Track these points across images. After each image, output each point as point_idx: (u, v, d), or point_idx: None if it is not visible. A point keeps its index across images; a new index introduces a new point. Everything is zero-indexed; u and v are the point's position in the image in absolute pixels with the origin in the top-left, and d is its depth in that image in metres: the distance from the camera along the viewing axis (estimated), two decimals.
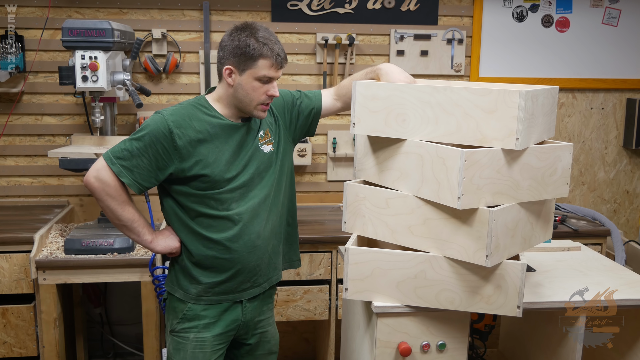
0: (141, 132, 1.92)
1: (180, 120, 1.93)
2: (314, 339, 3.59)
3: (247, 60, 1.91)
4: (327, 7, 3.43)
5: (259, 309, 2.14)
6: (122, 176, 1.92)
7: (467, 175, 1.82)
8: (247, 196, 2.00)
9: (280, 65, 1.94)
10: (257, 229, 2.02)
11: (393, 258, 1.98)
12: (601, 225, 3.19)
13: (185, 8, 3.35)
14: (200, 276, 2.02)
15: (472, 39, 3.57)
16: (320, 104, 2.22)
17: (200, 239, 1.99)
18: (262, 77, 1.92)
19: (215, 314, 2.05)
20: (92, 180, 1.92)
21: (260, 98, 1.95)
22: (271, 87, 1.95)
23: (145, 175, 1.93)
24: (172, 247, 2.03)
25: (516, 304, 1.94)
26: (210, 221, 1.98)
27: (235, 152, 1.98)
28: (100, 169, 1.92)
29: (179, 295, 2.05)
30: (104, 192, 1.93)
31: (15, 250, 2.82)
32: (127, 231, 2.01)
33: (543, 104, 1.96)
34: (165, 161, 1.92)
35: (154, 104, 3.40)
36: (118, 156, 1.92)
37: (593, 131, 3.77)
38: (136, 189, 1.94)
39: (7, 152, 3.35)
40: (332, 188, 3.59)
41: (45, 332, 2.80)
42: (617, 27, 3.68)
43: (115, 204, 1.94)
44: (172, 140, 1.91)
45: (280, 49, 1.94)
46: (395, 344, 2.03)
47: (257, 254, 2.04)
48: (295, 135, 2.20)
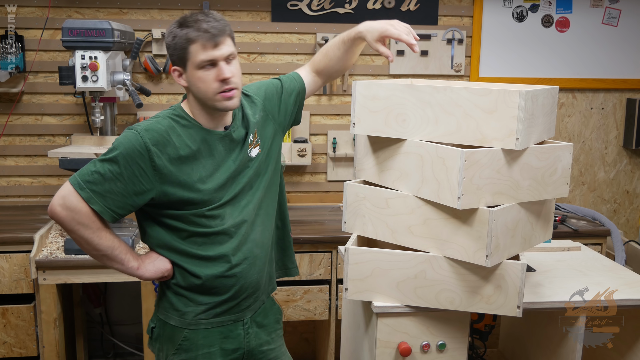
0: (113, 152, 1.69)
1: (157, 137, 1.70)
2: (314, 339, 3.59)
3: (180, 53, 1.69)
4: (327, 7, 3.43)
5: (265, 333, 1.95)
6: (93, 203, 1.67)
7: (467, 175, 1.82)
8: (240, 204, 1.82)
9: (213, 41, 1.66)
10: (255, 236, 1.85)
11: (393, 258, 1.98)
12: (601, 225, 3.19)
13: (185, 8, 3.35)
14: (199, 297, 1.81)
15: (472, 39, 3.57)
16: (303, 85, 2.03)
17: (196, 259, 1.79)
18: (202, 63, 1.67)
19: (215, 341, 1.84)
20: (59, 210, 1.67)
21: (212, 87, 1.69)
22: (219, 71, 1.68)
23: (120, 201, 1.70)
24: (162, 270, 1.80)
25: (516, 304, 1.94)
26: (204, 239, 1.78)
27: (220, 165, 1.78)
28: (67, 195, 1.67)
29: (174, 322, 1.83)
30: (74, 221, 1.68)
31: (15, 250, 2.81)
32: (108, 261, 1.76)
33: (543, 104, 1.97)
34: (142, 184, 1.70)
35: (154, 104, 3.40)
36: (88, 180, 1.67)
37: (593, 131, 3.77)
38: (109, 216, 1.70)
39: (7, 152, 3.35)
40: (332, 188, 3.59)
41: (45, 332, 2.80)
42: (617, 27, 3.68)
43: (90, 232, 1.70)
44: (150, 160, 1.69)
45: (210, 25, 1.66)
46: (395, 344, 2.03)
47: (259, 265, 1.86)
48: (286, 124, 2.00)
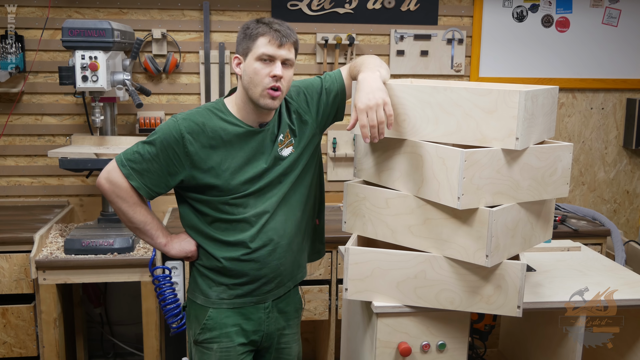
0: (154, 135, 1.88)
1: (193, 126, 1.87)
2: (314, 339, 3.59)
3: (247, 43, 1.84)
4: (327, 7, 3.43)
5: (284, 319, 2.05)
6: (132, 179, 1.87)
7: (467, 175, 1.82)
8: (264, 197, 1.93)
9: (279, 40, 1.82)
10: (276, 225, 1.94)
11: (393, 258, 1.98)
12: (601, 225, 3.19)
13: (185, 8, 3.35)
14: (221, 278, 1.95)
15: (472, 39, 3.57)
16: (343, 86, 2.08)
17: (218, 243, 1.93)
18: (262, 56, 1.82)
19: (237, 321, 1.97)
20: (103, 182, 1.90)
21: (264, 81, 1.83)
22: (274, 67, 1.83)
23: (155, 180, 1.88)
24: (187, 250, 1.97)
25: (516, 304, 1.94)
26: (226, 225, 1.92)
27: (251, 159, 1.91)
28: (111, 170, 1.89)
29: (199, 301, 1.98)
30: (114, 194, 1.89)
31: (15, 250, 2.82)
32: (140, 234, 1.97)
33: (543, 104, 1.96)
34: (176, 167, 1.88)
35: (154, 104, 3.40)
36: (129, 158, 1.88)
37: (593, 131, 3.77)
38: (145, 193, 1.90)
39: (7, 152, 3.35)
40: (332, 188, 3.59)
41: (45, 332, 2.80)
42: (617, 27, 3.68)
43: (126, 206, 1.90)
44: (184, 146, 1.86)
45: (282, 28, 1.83)
46: (395, 344, 2.03)
47: (279, 252, 1.95)
48: (324, 123, 2.07)
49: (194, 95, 3.43)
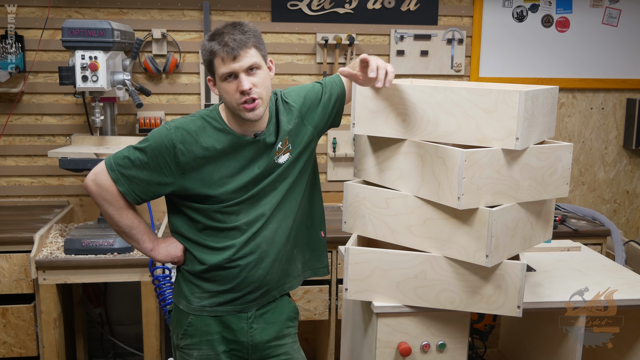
0: (145, 142, 1.84)
1: (185, 136, 1.83)
2: (314, 339, 3.59)
3: (209, 66, 1.82)
4: (327, 7, 3.43)
5: (274, 330, 1.98)
6: (119, 184, 1.84)
7: (467, 175, 1.82)
8: (258, 204, 1.90)
9: (232, 54, 1.75)
10: (267, 234, 1.91)
11: (393, 258, 1.98)
12: (601, 225, 3.19)
13: (185, 8, 3.35)
14: (205, 284, 1.92)
15: (472, 39, 3.57)
16: (343, 90, 2.07)
17: (206, 248, 1.91)
18: (223, 76, 1.79)
19: (218, 329, 1.94)
20: (90, 184, 1.86)
21: (234, 98, 1.79)
22: (239, 83, 1.78)
23: (143, 187, 1.85)
24: (174, 255, 1.94)
25: (516, 304, 1.94)
26: (217, 233, 1.90)
27: (244, 168, 1.88)
28: (99, 172, 1.85)
29: (182, 306, 1.96)
30: (101, 197, 1.86)
31: (15, 250, 2.81)
32: (126, 238, 1.94)
33: (543, 104, 1.96)
34: (165, 176, 1.84)
35: (154, 104, 3.40)
36: (119, 163, 1.84)
37: (593, 131, 3.77)
38: (132, 199, 1.87)
39: (7, 152, 3.35)
40: (332, 188, 3.59)
41: (45, 332, 2.80)
42: (617, 27, 3.68)
43: (113, 209, 1.87)
44: (175, 156, 1.83)
45: (233, 38, 1.76)
46: (395, 344, 2.03)
47: (267, 262, 1.92)
48: (323, 127, 2.05)
49: (194, 95, 3.43)
